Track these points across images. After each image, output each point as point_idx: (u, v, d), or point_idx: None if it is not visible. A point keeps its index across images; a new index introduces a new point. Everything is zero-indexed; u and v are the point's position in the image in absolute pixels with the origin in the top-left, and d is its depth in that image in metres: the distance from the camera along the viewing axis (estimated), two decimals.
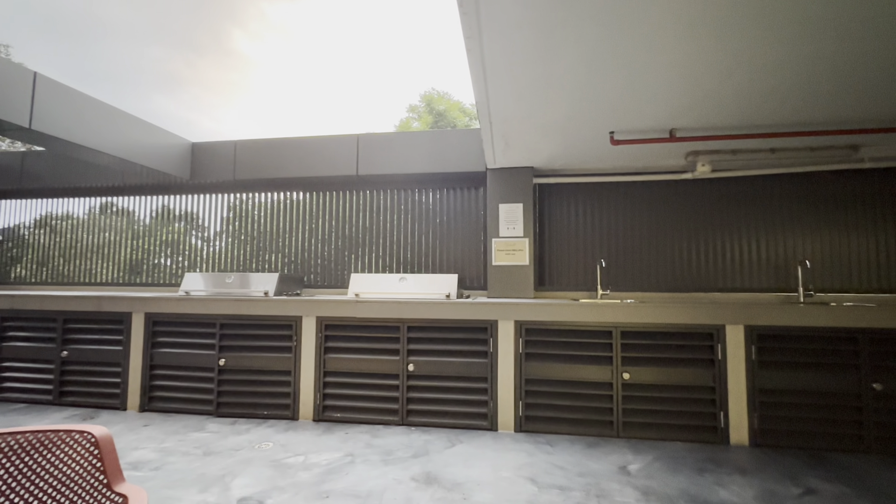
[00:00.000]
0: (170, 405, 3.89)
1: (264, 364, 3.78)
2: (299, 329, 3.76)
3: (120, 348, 4.00)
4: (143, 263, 5.85)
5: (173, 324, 3.98)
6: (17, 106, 3.40)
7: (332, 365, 3.70)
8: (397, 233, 4.95)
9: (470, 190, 4.80)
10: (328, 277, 5.07)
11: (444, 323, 3.58)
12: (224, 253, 5.62)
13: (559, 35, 2.21)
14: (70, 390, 4.07)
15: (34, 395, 4.12)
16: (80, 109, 3.87)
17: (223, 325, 3.88)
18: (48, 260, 5.94)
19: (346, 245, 5.08)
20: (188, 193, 5.57)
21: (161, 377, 3.95)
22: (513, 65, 2.49)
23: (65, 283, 5.78)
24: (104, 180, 5.40)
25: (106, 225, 5.92)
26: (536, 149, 3.86)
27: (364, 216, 5.05)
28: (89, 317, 4.10)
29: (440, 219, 4.85)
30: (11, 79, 3.41)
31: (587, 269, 4.40)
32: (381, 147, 4.72)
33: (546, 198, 4.55)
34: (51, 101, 3.63)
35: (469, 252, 4.74)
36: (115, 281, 5.74)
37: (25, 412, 3.87)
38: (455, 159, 4.59)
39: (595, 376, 3.35)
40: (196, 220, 5.77)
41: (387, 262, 4.94)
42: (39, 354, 4.15)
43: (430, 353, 3.60)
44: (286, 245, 5.29)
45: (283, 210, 5.31)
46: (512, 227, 4.29)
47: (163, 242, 5.87)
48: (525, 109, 3.08)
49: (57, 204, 6.00)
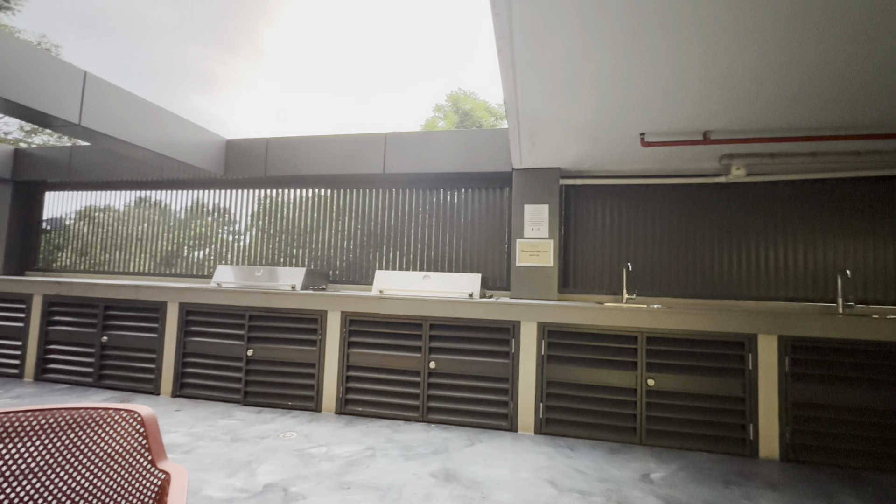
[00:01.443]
0: (200, 392, 4.04)
1: (290, 356, 3.88)
2: (324, 323, 3.84)
3: (155, 335, 4.18)
4: (176, 255, 6.11)
5: (205, 314, 4.13)
6: (68, 103, 3.60)
7: (355, 359, 3.77)
8: (421, 231, 4.99)
9: (495, 190, 4.80)
10: (352, 273, 5.15)
11: (466, 322, 3.59)
12: (252, 246, 5.80)
13: (592, 35, 2.18)
14: (108, 374, 4.28)
15: (76, 377, 4.35)
16: (124, 106, 4.06)
17: (252, 316, 4.00)
18: (89, 249, 6.25)
19: (370, 242, 5.15)
20: (220, 188, 5.77)
21: (193, 365, 4.10)
22: (543, 65, 2.47)
23: (103, 271, 6.08)
24: (142, 175, 5.64)
25: (142, 217, 6.20)
26: (564, 150, 3.83)
27: (389, 214, 5.11)
28: (128, 305, 4.30)
29: (464, 218, 4.86)
30: (63, 77, 3.61)
31: (613, 273, 4.33)
32: (408, 146, 4.76)
33: (572, 199, 4.50)
34: (98, 99, 3.82)
35: (493, 252, 4.74)
36: (151, 271, 6.00)
37: (68, 393, 4.10)
38: (481, 159, 4.59)
39: (619, 381, 3.30)
40: (227, 215, 5.98)
41: (410, 260, 4.99)
42: (82, 339, 4.38)
43: (452, 352, 3.62)
44: (312, 240, 5.41)
45: (310, 206, 5.43)
46: (537, 227, 4.26)
47: (195, 235, 6.11)
48: (554, 110, 3.06)
49: (98, 196, 6.31)
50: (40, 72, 3.45)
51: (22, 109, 3.43)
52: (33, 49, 3.46)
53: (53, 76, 3.53)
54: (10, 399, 3.83)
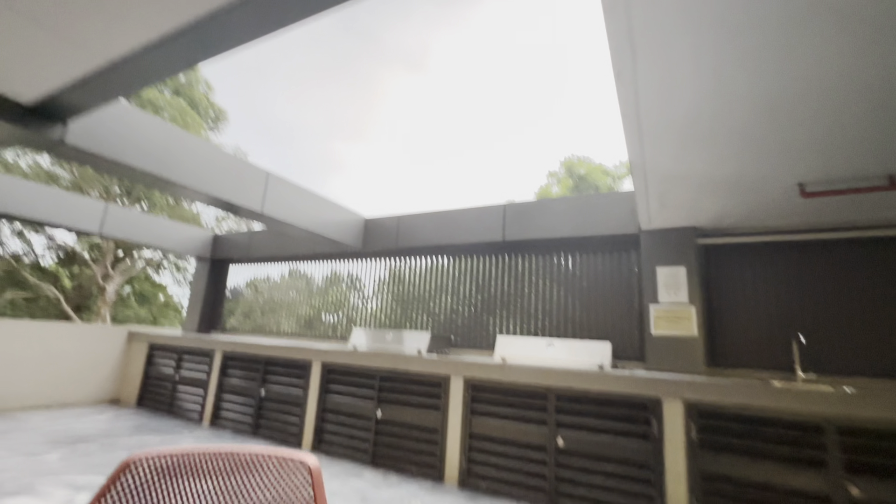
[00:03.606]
0: (334, 448, 4.31)
1: (415, 419, 3.96)
2: (447, 388, 3.89)
3: (301, 391, 4.68)
4: (315, 319, 6.98)
5: (342, 373, 4.52)
6: (254, 196, 4.56)
7: (478, 428, 3.68)
8: (541, 296, 4.90)
9: (620, 253, 4.56)
10: (473, 338, 5.21)
11: (597, 395, 3.31)
12: (379, 310, 6.32)
13: (734, 87, 2.08)
14: (263, 423, 4.84)
15: (239, 424, 5.02)
16: (291, 196, 4.98)
17: (382, 377, 4.25)
18: (252, 312, 7.49)
19: (489, 307, 5.21)
20: (353, 259, 6.53)
21: (330, 421, 4.44)
22: (673, 124, 2.41)
23: (262, 332, 7.14)
24: (297, 250, 6.68)
25: (292, 285, 7.30)
26: (700, 207, 3.53)
27: (508, 279, 5.16)
28: (282, 362, 4.93)
29: (587, 282, 4.66)
30: (252, 177, 4.61)
31: (776, 345, 3.64)
32: (527, 214, 4.87)
33: (714, 260, 4.03)
34: (274, 191, 4.77)
35: (621, 319, 4.39)
36: (296, 332, 6.89)
37: (232, 438, 4.72)
38: (602, 222, 4.46)
39: (801, 484, 2.63)
40: (357, 282, 6.73)
41: (530, 326, 4.88)
42: (246, 390, 5.10)
43: (582, 428, 3.32)
44: (434, 305, 5.68)
45: (433, 273, 5.78)
46: (673, 292, 3.87)
47: (331, 301, 6.93)
48: (686, 167, 2.89)
49: (262, 269, 7.67)
50: (237, 174, 4.47)
51: (224, 203, 4.44)
52: (232, 158, 4.53)
53: (246, 177, 4.54)
54: (193, 440, 4.55)
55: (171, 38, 2.29)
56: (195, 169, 3.98)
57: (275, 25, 2.16)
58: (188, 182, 3.91)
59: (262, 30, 2.21)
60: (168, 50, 2.39)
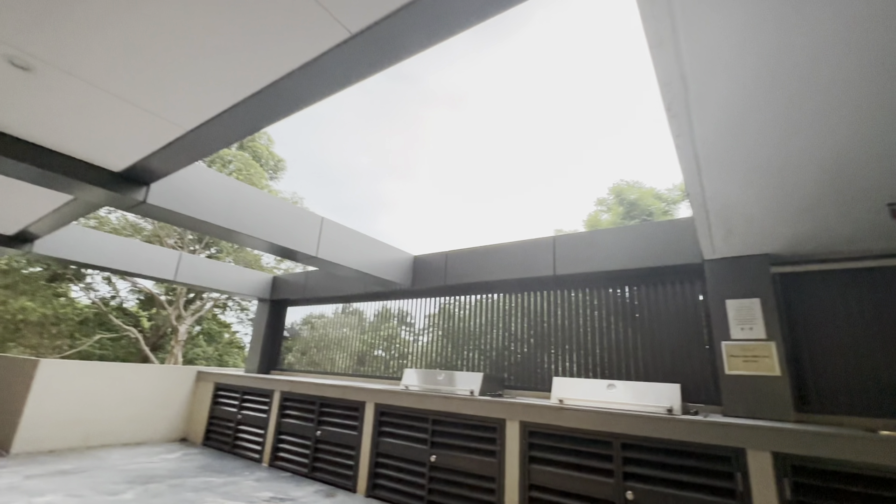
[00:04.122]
0: (389, 494, 4.21)
1: (469, 466, 3.80)
2: (503, 433, 3.72)
3: (355, 433, 4.67)
4: (366, 354, 7.09)
5: (395, 415, 4.47)
6: (310, 241, 4.79)
7: (538, 478, 3.46)
8: (598, 333, 4.65)
9: (682, 284, 4.27)
10: (526, 379, 5.01)
11: (668, 444, 3.02)
12: (428, 346, 6.30)
13: (806, 108, 1.94)
14: (319, 466, 4.86)
15: (296, 466, 5.06)
16: (344, 238, 5.18)
17: (434, 420, 4.15)
18: (307, 350, 7.72)
19: (540, 344, 5.02)
20: (403, 298, 6.60)
21: (384, 466, 4.37)
22: (734, 154, 2.27)
23: (316, 371, 7.30)
24: (349, 290, 6.87)
25: (344, 323, 7.49)
26: (773, 233, 3.25)
27: (561, 315, 4.97)
28: (336, 403, 4.98)
29: (647, 317, 4.38)
30: (308, 222, 4.86)
31: (881, 387, 3.18)
32: (578, 246, 4.73)
33: (794, 290, 3.66)
34: (329, 235, 4.99)
35: (689, 357, 4.06)
36: (348, 370, 7.01)
37: (289, 481, 4.75)
38: (659, 252, 4.22)
39: None
40: (407, 318, 6.80)
41: (586, 365, 4.62)
42: (302, 431, 5.17)
43: (654, 481, 3.02)
44: (484, 342, 5.56)
45: (483, 309, 5.70)
46: (747, 326, 3.54)
47: (382, 337, 7.02)
48: (753, 194, 2.69)
49: (316, 308, 7.96)
50: (295, 222, 4.72)
51: (284, 250, 4.69)
52: (290, 207, 4.81)
53: (302, 222, 4.79)
54: (252, 482, 4.64)
55: (240, 107, 2.52)
56: (258, 220, 4.27)
57: (336, 88, 2.32)
58: (252, 232, 4.19)
59: (321, 94, 2.38)
60: (238, 118, 2.63)
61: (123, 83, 2.38)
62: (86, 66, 2.26)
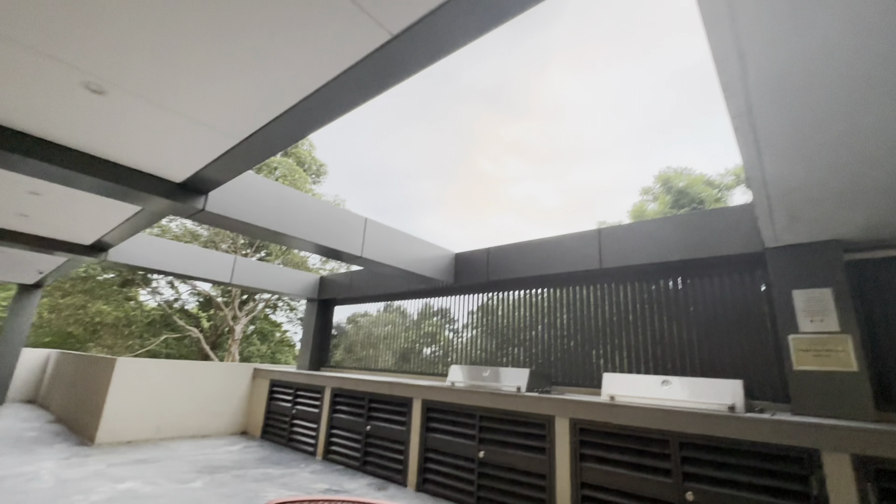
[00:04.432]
0: (438, 489, 4.26)
1: (519, 462, 3.78)
2: (552, 430, 3.67)
3: (404, 429, 4.76)
4: (410, 351, 7.20)
5: (442, 411, 4.52)
6: (355, 241, 4.92)
7: (591, 476, 3.38)
8: (650, 327, 4.47)
9: (742, 275, 4.02)
10: (572, 375, 4.91)
11: (731, 444, 2.86)
12: (471, 343, 6.30)
13: (877, 81, 1.77)
14: (369, 460, 5.00)
15: (348, 459, 5.24)
16: (387, 238, 5.28)
17: (482, 416, 4.16)
18: (353, 347, 7.94)
19: (588, 340, 4.89)
20: (445, 295, 6.63)
21: (432, 461, 4.43)
22: (799, 133, 2.11)
23: (361, 367, 7.49)
24: (392, 288, 7.00)
25: (387, 320, 7.64)
26: (844, 218, 2.99)
27: (609, 310, 4.82)
28: (385, 399, 5.09)
29: (703, 311, 4.16)
30: (351, 223, 4.99)
31: None
32: (626, 237, 4.56)
33: (870, 278, 3.35)
34: (372, 235, 5.10)
35: (752, 352, 3.82)
36: (392, 367, 7.14)
37: (342, 474, 4.92)
38: (715, 241, 3.99)
39: None
40: (449, 315, 6.83)
41: (638, 361, 4.46)
42: (353, 426, 5.34)
43: (717, 483, 2.87)
44: (528, 338, 5.49)
45: (526, 305, 5.63)
46: (818, 318, 3.28)
47: (425, 334, 7.10)
48: (820, 176, 2.49)
49: (361, 307, 8.16)
50: (339, 223, 4.87)
51: (330, 251, 4.85)
52: (335, 209, 4.96)
53: (346, 224, 4.93)
54: (308, 473, 4.84)
55: (287, 116, 2.62)
56: (305, 223, 4.44)
57: (378, 90, 2.37)
58: (300, 235, 4.36)
59: (363, 98, 2.44)
60: (285, 127, 2.74)
61: (183, 100, 2.55)
62: (151, 88, 2.43)
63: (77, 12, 1.92)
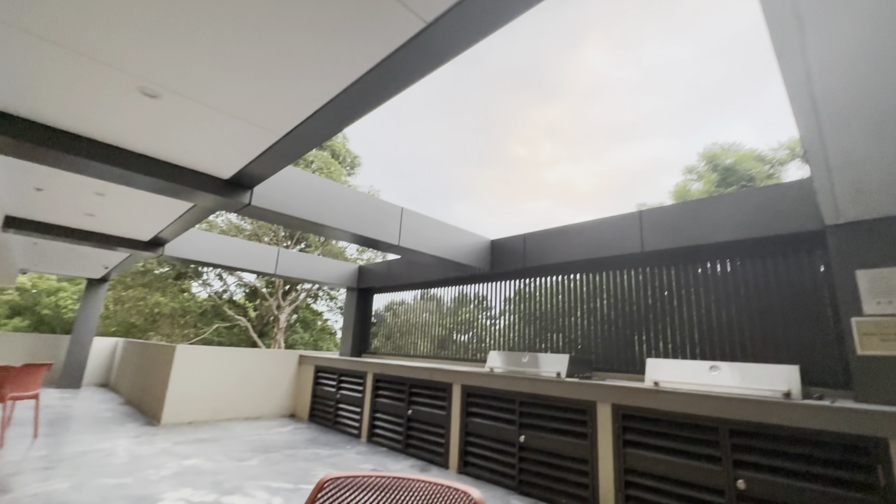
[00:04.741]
0: (479, 472, 4.34)
1: (560, 448, 3.78)
2: (594, 415, 3.64)
3: (444, 413, 4.86)
4: (447, 339, 7.30)
5: (481, 396, 4.57)
6: (391, 230, 5.01)
7: (634, 462, 3.34)
8: (696, 312, 4.32)
9: (798, 254, 3.79)
10: (613, 361, 4.82)
11: (786, 431, 2.74)
12: (507, 330, 6.30)
13: None
14: (412, 443, 5.14)
15: (391, 442, 5.41)
16: (422, 227, 5.35)
17: (522, 402, 4.18)
18: (391, 334, 8.13)
19: (629, 325, 4.78)
20: (481, 282, 6.65)
21: (473, 444, 4.50)
22: (863, 102, 1.95)
23: (400, 353, 7.67)
24: (428, 276, 7.09)
25: (423, 308, 7.76)
26: None
27: (651, 294, 4.68)
28: (425, 384, 5.21)
29: (755, 293, 3.97)
30: (388, 213, 5.08)
31: None
32: (670, 219, 4.40)
33: None
34: (409, 224, 5.18)
35: (807, 336, 3.61)
36: (429, 353, 7.26)
37: (386, 455, 5.10)
38: (768, 220, 3.78)
39: None
40: (484, 302, 6.85)
41: (681, 346, 4.32)
42: (395, 410, 5.50)
43: (770, 471, 2.77)
44: (566, 324, 5.43)
45: (564, 290, 5.55)
46: (885, 300, 3.05)
47: (461, 321, 7.16)
48: (888, 147, 2.29)
49: (398, 295, 8.32)
50: (376, 213, 4.97)
51: (367, 240, 4.97)
52: (372, 199, 5.06)
53: (383, 213, 5.02)
54: (354, 454, 5.05)
55: (325, 110, 2.69)
56: (344, 214, 4.56)
57: (413, 79, 2.39)
58: (340, 225, 4.50)
59: (398, 88, 2.47)
60: (323, 121, 2.82)
61: (229, 100, 2.67)
62: (199, 89, 2.56)
63: (133, 23, 2.04)
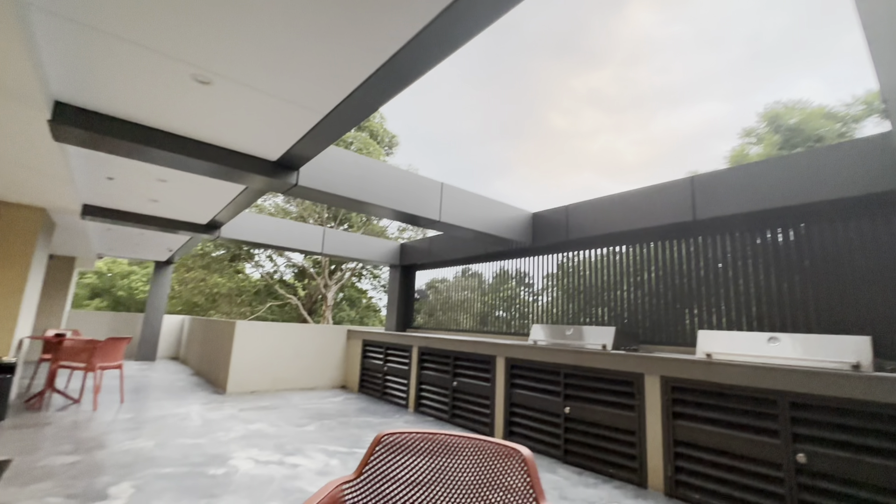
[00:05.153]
0: (525, 441, 4.42)
1: (606, 419, 3.78)
2: (641, 387, 3.59)
3: (488, 384, 4.96)
4: (488, 315, 7.35)
5: (525, 368, 4.61)
6: (432, 206, 5.05)
7: (683, 434, 3.28)
8: (752, 282, 4.09)
9: (874, 219, 3.48)
10: (662, 333, 4.69)
11: (854, 405, 2.59)
12: (552, 304, 6.24)
13: None
14: (458, 413, 5.31)
15: (437, 412, 5.61)
16: (463, 201, 5.35)
17: (566, 374, 4.18)
18: (433, 311, 8.28)
19: (679, 297, 4.61)
20: (523, 257, 6.59)
21: (518, 415, 4.58)
22: None
23: (443, 328, 7.82)
24: (469, 252, 7.11)
25: (465, 285, 7.82)
26: None
27: (703, 265, 4.47)
28: (469, 357, 5.32)
29: (820, 261, 3.70)
30: (428, 189, 5.12)
31: None
32: (724, 184, 4.14)
33: None
34: (449, 199, 5.20)
35: (882, 305, 3.34)
36: (471, 328, 7.35)
37: (433, 424, 5.30)
38: (839, 181, 3.48)
39: None
40: (526, 278, 6.80)
41: (736, 318, 4.13)
42: (440, 382, 5.67)
43: (833, 445, 2.64)
44: (612, 298, 5.31)
45: (609, 263, 5.41)
46: None
47: (502, 297, 7.17)
48: None
49: (439, 272, 8.43)
50: (417, 189, 5.01)
51: (409, 216, 5.04)
52: (412, 175, 5.10)
53: (424, 189, 5.06)
54: (402, 423, 5.28)
55: (363, 88, 2.72)
56: (386, 191, 4.65)
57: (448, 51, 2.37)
58: (382, 202, 4.59)
59: (435, 60, 2.45)
60: (362, 98, 2.85)
61: (274, 82, 2.76)
62: (248, 73, 2.66)
63: (186, 12, 2.14)
